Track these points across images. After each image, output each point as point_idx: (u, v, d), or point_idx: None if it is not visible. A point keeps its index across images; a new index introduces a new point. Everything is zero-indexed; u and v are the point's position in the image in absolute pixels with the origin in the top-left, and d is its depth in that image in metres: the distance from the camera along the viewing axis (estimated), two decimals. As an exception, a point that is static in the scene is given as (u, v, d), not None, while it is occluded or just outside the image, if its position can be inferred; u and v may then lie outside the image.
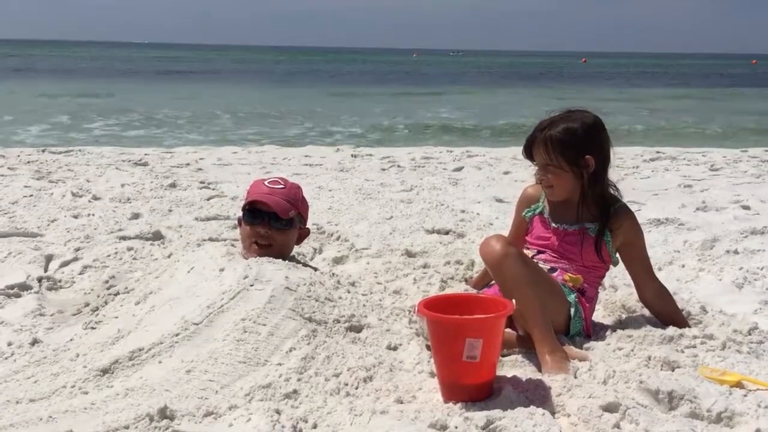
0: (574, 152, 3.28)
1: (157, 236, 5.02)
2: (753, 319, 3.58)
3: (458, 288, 3.86)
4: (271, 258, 3.49)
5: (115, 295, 3.61)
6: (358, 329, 3.16)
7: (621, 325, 3.41)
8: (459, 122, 18.11)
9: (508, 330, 3.13)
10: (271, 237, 3.60)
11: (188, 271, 3.50)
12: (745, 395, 2.65)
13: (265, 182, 3.74)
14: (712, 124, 18.16)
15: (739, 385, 2.76)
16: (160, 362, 2.82)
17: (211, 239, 4.89)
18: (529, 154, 3.41)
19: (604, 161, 3.35)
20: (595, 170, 3.31)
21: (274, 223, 3.60)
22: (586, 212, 3.38)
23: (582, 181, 3.31)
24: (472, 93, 29.53)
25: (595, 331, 3.35)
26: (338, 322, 3.14)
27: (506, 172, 8.73)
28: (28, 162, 8.61)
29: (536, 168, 3.41)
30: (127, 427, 2.43)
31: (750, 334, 3.24)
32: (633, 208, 3.57)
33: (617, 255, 3.44)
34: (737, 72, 65.04)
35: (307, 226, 3.86)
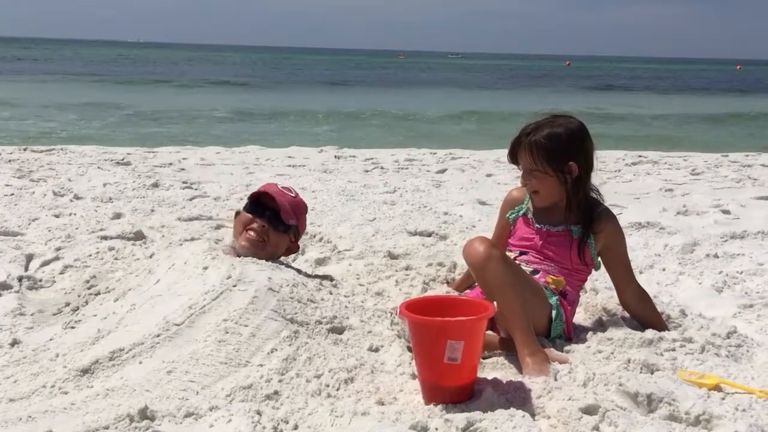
0: (558, 158, 3.30)
1: (139, 236, 4.99)
2: (732, 322, 3.62)
3: (440, 290, 3.86)
4: (255, 258, 3.49)
5: (96, 294, 3.60)
6: (339, 331, 3.16)
7: (601, 328, 3.43)
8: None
9: (489, 332, 3.15)
10: (267, 234, 3.64)
11: (170, 268, 3.50)
12: (723, 398, 2.68)
13: (278, 186, 3.83)
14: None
15: (717, 388, 2.78)
16: (140, 363, 2.81)
17: (193, 239, 4.88)
18: (513, 158, 3.43)
19: (587, 167, 3.37)
20: (579, 176, 3.33)
21: (273, 222, 3.66)
22: (570, 215, 3.40)
23: (566, 186, 3.34)
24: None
25: (576, 334, 3.36)
26: (320, 323, 3.14)
27: (489, 175, 8.76)
28: (9, 161, 8.55)
29: (521, 172, 3.43)
30: (107, 428, 2.42)
31: (728, 338, 3.27)
32: (614, 211, 3.59)
33: (599, 258, 3.46)
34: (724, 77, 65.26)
35: (297, 243, 3.91)
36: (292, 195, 3.81)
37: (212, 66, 59.03)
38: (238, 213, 3.80)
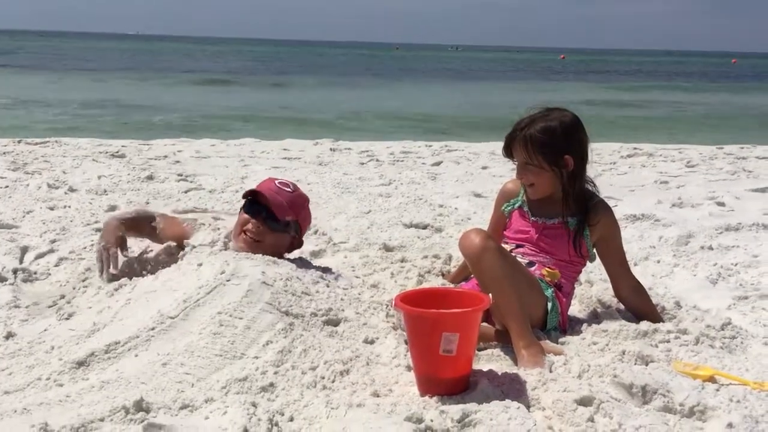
0: (553, 152, 3.29)
1: (134, 229, 4.98)
2: (726, 314, 3.63)
3: (435, 282, 3.87)
4: (250, 254, 3.49)
5: (95, 292, 3.59)
6: (335, 323, 3.16)
7: (596, 319, 3.43)
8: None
9: (484, 324, 3.15)
10: (262, 234, 3.58)
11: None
12: (718, 390, 2.68)
13: (276, 182, 3.73)
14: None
15: (711, 379, 2.79)
16: (136, 355, 2.81)
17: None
18: (508, 152, 3.42)
19: (582, 160, 3.37)
20: (574, 169, 3.33)
21: (269, 222, 3.59)
22: (566, 208, 3.40)
23: (562, 179, 3.34)
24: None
25: (571, 326, 3.37)
26: (315, 315, 3.13)
27: (485, 167, 8.75)
28: (4, 153, 8.53)
29: (516, 165, 3.42)
30: (102, 420, 2.43)
31: (723, 330, 3.28)
32: (610, 203, 3.59)
33: (594, 250, 3.46)
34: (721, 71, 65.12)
35: (302, 239, 3.82)
36: (289, 190, 3.69)
37: (206, 58, 58.97)
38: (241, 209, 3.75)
